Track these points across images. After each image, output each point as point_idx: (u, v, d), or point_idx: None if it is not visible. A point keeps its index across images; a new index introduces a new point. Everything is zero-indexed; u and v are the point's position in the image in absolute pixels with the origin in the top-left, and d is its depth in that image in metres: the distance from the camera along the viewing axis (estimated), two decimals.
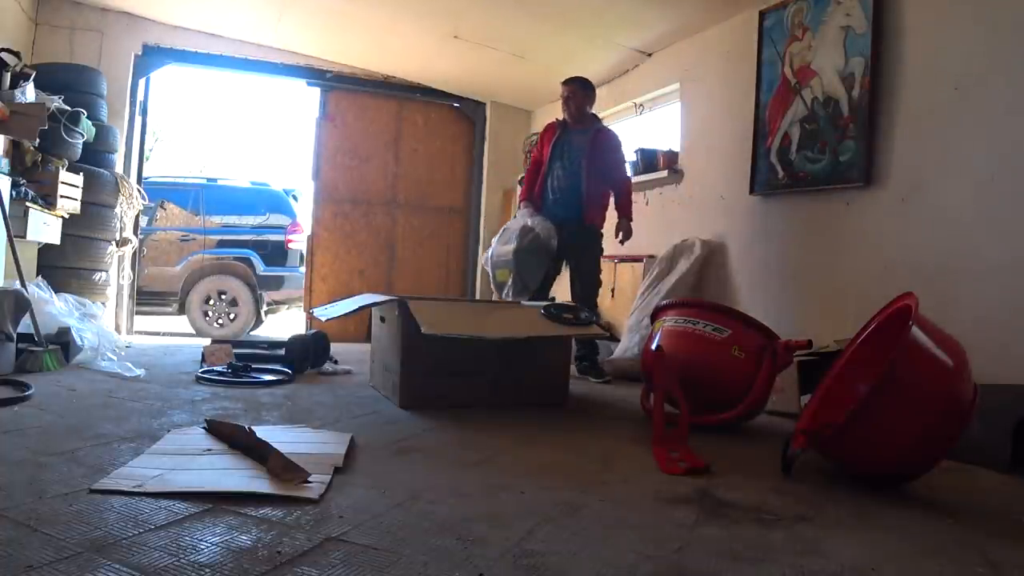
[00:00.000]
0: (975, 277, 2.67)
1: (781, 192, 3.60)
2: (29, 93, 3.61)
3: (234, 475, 1.67)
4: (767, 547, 1.41)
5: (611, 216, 4.02)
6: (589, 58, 4.92)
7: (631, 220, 3.97)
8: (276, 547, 1.25)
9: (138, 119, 5.17)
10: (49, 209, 3.77)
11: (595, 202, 3.90)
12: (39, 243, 3.87)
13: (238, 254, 6.62)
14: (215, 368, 3.28)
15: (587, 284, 3.96)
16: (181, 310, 6.46)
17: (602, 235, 3.99)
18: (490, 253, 3.92)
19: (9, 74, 3.59)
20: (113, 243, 4.56)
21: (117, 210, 4.54)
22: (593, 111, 4.10)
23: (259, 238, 6.68)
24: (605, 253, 4.88)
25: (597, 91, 5.36)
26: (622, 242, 3.96)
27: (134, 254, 5.16)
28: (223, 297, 6.47)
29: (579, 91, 3.96)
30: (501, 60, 5.14)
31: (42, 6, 4.67)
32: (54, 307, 3.44)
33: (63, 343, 3.22)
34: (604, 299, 4.78)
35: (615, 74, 5.10)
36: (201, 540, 1.27)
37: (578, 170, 3.86)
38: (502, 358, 2.86)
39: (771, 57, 3.68)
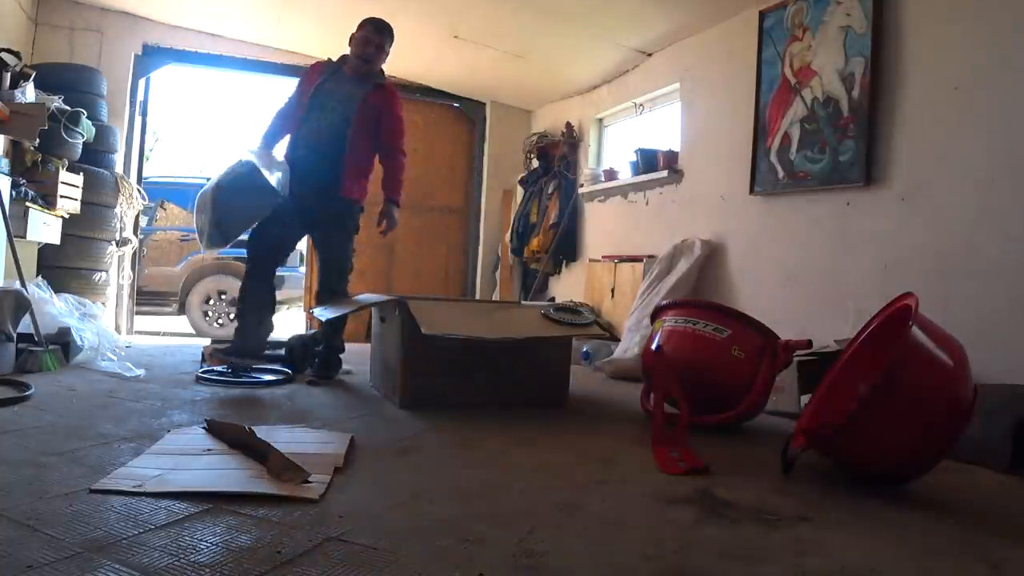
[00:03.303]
0: (975, 277, 2.67)
1: (781, 192, 3.60)
2: (29, 93, 3.61)
3: (234, 475, 1.67)
4: (767, 547, 1.41)
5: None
6: (589, 58, 4.92)
7: (398, 206, 3.37)
8: (276, 547, 1.25)
9: (138, 119, 5.16)
10: (49, 209, 3.77)
11: (358, 170, 3.26)
12: (39, 243, 3.87)
13: (238, 254, 6.61)
14: (215, 368, 3.28)
15: (331, 268, 3.33)
16: (181, 310, 6.46)
17: (361, 212, 3.38)
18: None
19: (9, 74, 3.59)
20: (113, 243, 4.56)
21: (117, 210, 4.54)
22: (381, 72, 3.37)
23: None
24: (604, 253, 4.92)
25: (597, 91, 5.41)
26: (384, 232, 3.37)
27: (134, 254, 5.16)
28: (223, 297, 6.47)
29: (387, 41, 3.25)
30: (501, 60, 5.14)
31: (42, 6, 4.67)
32: (54, 307, 3.44)
33: (63, 343, 3.22)
34: (604, 299, 4.79)
35: (615, 74, 5.10)
36: (201, 540, 1.27)
37: (343, 126, 3.16)
38: (502, 358, 2.85)
39: (771, 57, 3.68)
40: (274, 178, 2.97)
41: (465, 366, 2.81)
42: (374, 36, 3.19)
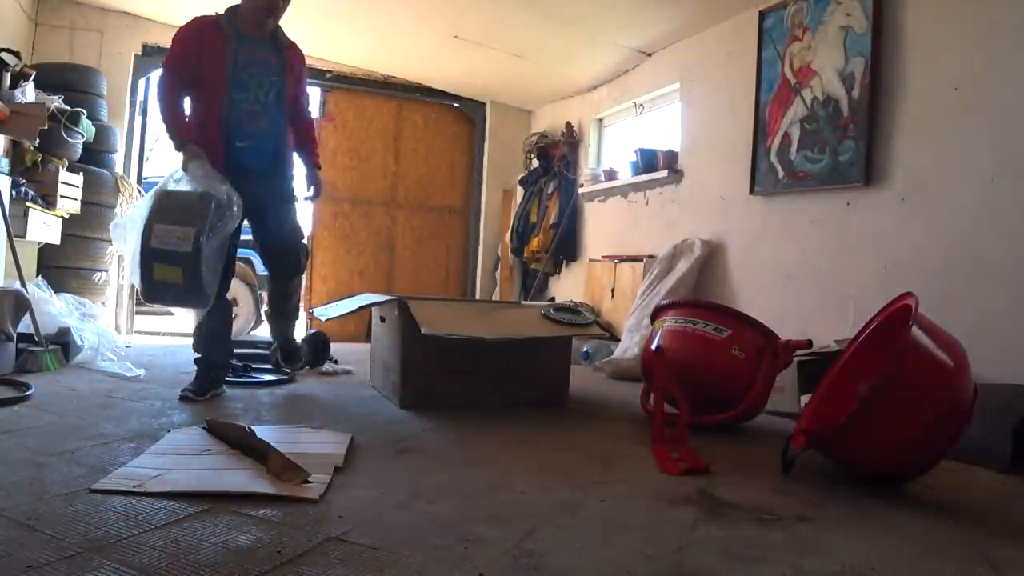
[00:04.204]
0: (975, 277, 2.67)
1: (781, 192, 3.60)
2: (29, 93, 3.61)
3: (234, 475, 1.67)
4: (767, 547, 1.41)
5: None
6: (589, 58, 4.92)
7: (320, 168, 3.05)
8: (276, 547, 1.25)
9: (138, 119, 5.16)
10: (49, 209, 3.77)
11: (288, 142, 2.87)
12: (39, 243, 3.86)
13: (238, 254, 6.60)
14: None
15: (292, 249, 2.92)
16: None
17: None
18: (139, 230, 2.44)
19: (9, 74, 3.59)
20: (113, 243, 4.56)
21: (117, 210, 4.53)
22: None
23: None
24: (604, 253, 4.92)
25: (597, 91, 5.41)
26: (314, 197, 3.04)
27: None
28: None
29: None
30: (501, 60, 5.14)
31: (42, 6, 4.67)
32: (54, 307, 3.44)
33: (63, 343, 3.22)
34: (604, 299, 4.80)
35: (615, 74, 5.11)
36: (201, 540, 1.27)
37: (275, 104, 2.74)
38: (502, 358, 2.86)
39: (771, 57, 3.68)
40: (230, 198, 2.51)
41: (465, 366, 2.81)
42: None
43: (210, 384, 2.74)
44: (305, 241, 3.05)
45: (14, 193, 3.45)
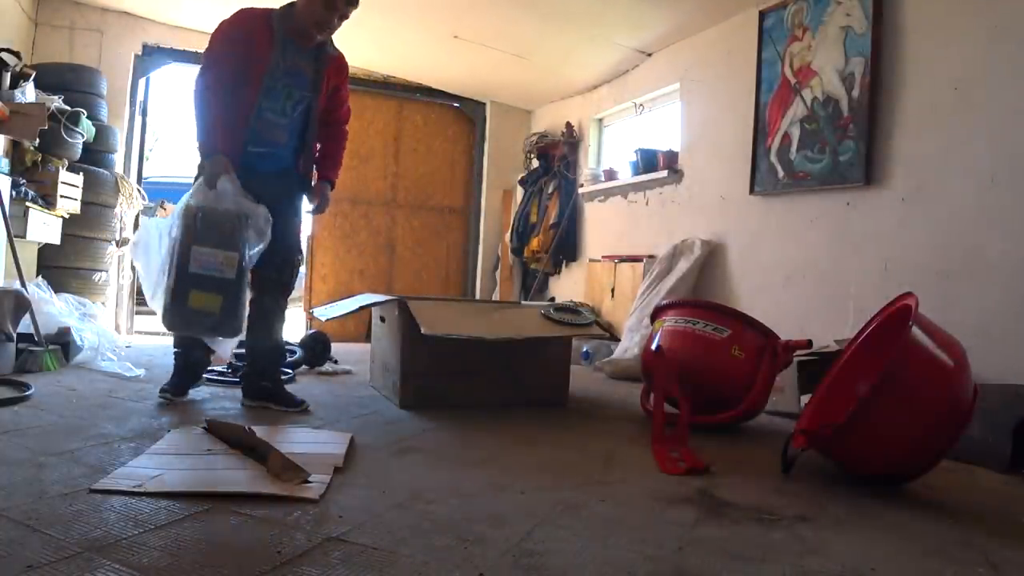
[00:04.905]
0: (975, 277, 2.67)
1: (781, 192, 3.60)
2: (29, 93, 3.61)
3: (234, 475, 1.67)
4: (767, 547, 1.41)
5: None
6: (589, 58, 4.92)
7: (334, 187, 2.77)
8: (276, 547, 1.25)
9: (138, 119, 5.16)
10: (49, 209, 3.76)
11: (307, 158, 2.68)
12: (39, 243, 3.86)
13: None
14: (215, 368, 3.27)
15: (288, 260, 2.62)
16: None
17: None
18: (170, 251, 2.30)
19: (9, 74, 3.59)
20: (113, 243, 4.55)
21: (117, 210, 4.53)
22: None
23: None
24: (604, 253, 4.92)
25: (597, 91, 5.41)
26: (316, 211, 2.76)
27: None
28: None
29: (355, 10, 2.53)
30: (501, 60, 5.14)
31: (42, 6, 4.66)
32: (54, 307, 3.44)
33: (63, 343, 3.22)
34: (604, 299, 4.80)
35: (615, 74, 5.10)
36: (201, 540, 1.27)
37: (302, 119, 2.57)
38: (502, 358, 2.86)
39: (771, 57, 3.68)
40: (262, 218, 2.38)
41: (465, 366, 2.81)
42: (345, 7, 2.45)
43: (189, 380, 2.58)
44: (300, 257, 2.73)
45: (14, 193, 3.45)
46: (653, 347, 2.66)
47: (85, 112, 4.06)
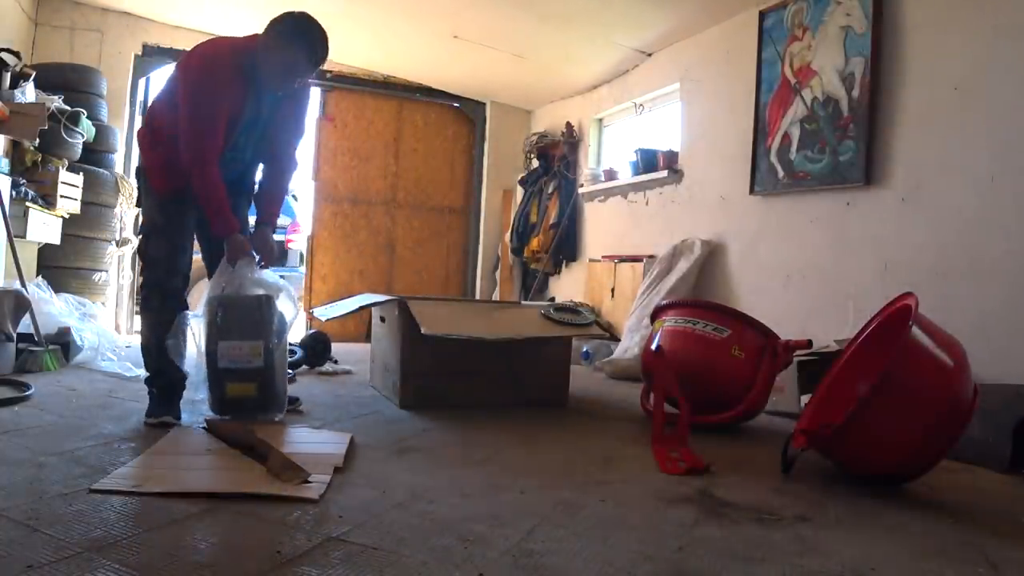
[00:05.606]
0: (975, 277, 2.67)
1: (781, 192, 3.60)
2: (29, 93, 3.61)
3: (234, 475, 1.67)
4: (767, 547, 1.41)
5: None
6: (589, 58, 4.92)
7: (275, 231, 2.56)
8: (276, 547, 1.25)
9: (138, 119, 5.16)
10: (49, 209, 3.77)
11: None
12: (39, 243, 3.86)
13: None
14: None
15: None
16: None
17: None
18: (201, 348, 2.30)
19: (9, 74, 3.59)
20: (113, 243, 4.55)
21: (117, 210, 4.53)
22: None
23: None
24: (604, 253, 4.92)
25: (597, 91, 5.41)
26: (265, 264, 2.42)
27: (134, 254, 5.16)
28: None
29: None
30: (501, 60, 5.14)
31: (42, 6, 4.67)
32: (54, 307, 3.44)
33: (63, 343, 3.22)
34: (604, 299, 4.80)
35: (615, 74, 5.10)
36: (201, 540, 1.27)
37: (252, 157, 2.47)
38: (502, 358, 2.86)
39: (771, 57, 3.68)
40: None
41: (465, 366, 2.81)
42: (311, 71, 2.39)
43: (178, 399, 2.35)
44: None
45: (14, 193, 3.45)
46: (653, 347, 2.66)
47: (85, 112, 4.06)
